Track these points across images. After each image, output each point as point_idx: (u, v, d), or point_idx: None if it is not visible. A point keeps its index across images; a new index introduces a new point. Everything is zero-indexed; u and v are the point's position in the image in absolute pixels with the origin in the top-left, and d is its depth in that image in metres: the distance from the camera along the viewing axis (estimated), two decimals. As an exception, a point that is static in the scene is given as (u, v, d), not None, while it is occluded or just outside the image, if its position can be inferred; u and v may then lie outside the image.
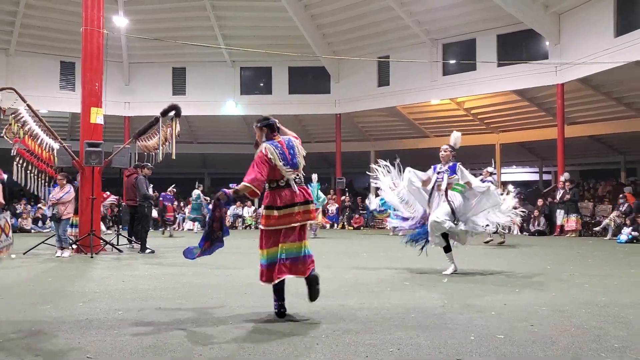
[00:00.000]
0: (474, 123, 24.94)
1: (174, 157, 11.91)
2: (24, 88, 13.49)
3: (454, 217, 7.92)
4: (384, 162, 8.99)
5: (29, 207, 22.86)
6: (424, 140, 26.41)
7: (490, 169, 13.75)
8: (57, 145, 12.07)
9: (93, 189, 12.01)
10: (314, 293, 5.02)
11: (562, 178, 18.68)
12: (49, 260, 10.45)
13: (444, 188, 8.05)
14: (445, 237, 8.04)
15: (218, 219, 5.08)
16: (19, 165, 12.01)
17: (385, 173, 8.96)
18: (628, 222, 15.91)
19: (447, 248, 8.11)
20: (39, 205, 22.21)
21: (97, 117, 12.46)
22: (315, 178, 17.53)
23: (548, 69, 19.75)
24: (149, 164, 12.67)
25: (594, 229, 17.96)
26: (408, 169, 8.51)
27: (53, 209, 11.35)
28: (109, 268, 9.35)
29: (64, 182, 11.43)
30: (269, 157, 4.95)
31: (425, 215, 8.28)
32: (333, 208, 24.66)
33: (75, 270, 9.00)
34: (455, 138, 8.44)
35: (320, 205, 17.38)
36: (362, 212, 25.09)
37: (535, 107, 22.58)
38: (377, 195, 18.63)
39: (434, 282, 7.38)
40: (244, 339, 4.30)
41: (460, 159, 8.45)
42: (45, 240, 12.42)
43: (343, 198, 25.30)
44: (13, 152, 11.97)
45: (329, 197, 25.16)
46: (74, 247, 11.69)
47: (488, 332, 4.48)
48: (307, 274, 4.97)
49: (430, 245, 8.28)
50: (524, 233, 19.28)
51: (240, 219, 25.22)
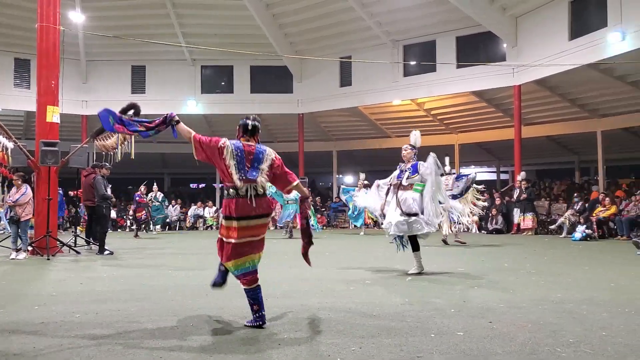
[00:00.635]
0: (434, 123, 25.26)
1: (133, 156, 11.74)
2: (-24, 85, 13.14)
3: (407, 216, 7.94)
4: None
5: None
6: (386, 141, 26.64)
7: (447, 169, 13.84)
8: (11, 145, 11.74)
9: (49, 190, 11.75)
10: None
11: (518, 177, 19.06)
12: (3, 263, 10.16)
13: (405, 185, 8.13)
14: (412, 237, 8.10)
15: (154, 128, 5.14)
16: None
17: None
18: (582, 220, 16.32)
19: (415, 247, 8.15)
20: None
21: (53, 115, 12.19)
22: None
23: (506, 71, 20.13)
24: (107, 164, 12.46)
25: (550, 227, 18.34)
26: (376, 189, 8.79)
27: (11, 211, 11.08)
28: (66, 270, 9.17)
29: (20, 182, 11.16)
30: (220, 146, 4.71)
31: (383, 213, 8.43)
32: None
33: (31, 273, 8.79)
34: (415, 137, 8.54)
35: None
36: (324, 211, 25.18)
37: (493, 108, 23.00)
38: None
39: (395, 281, 7.44)
40: (205, 341, 4.27)
41: (422, 159, 8.54)
42: (0, 242, 12.11)
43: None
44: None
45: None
46: (29, 248, 11.41)
47: (448, 329, 4.55)
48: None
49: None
50: (482, 231, 19.60)
51: (202, 220, 25.05)
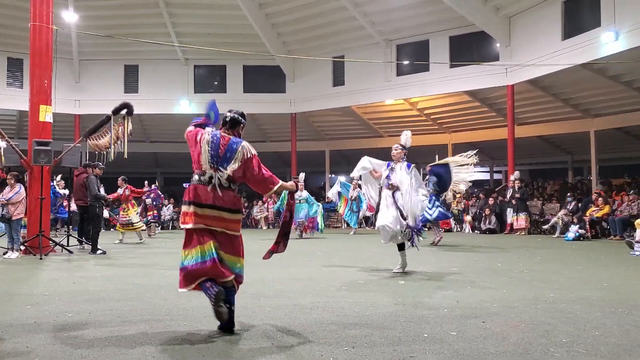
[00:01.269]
0: (427, 123, 25.31)
1: (126, 156, 11.70)
2: (-31, 84, 13.09)
3: (402, 217, 7.99)
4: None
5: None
6: (379, 140, 26.64)
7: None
8: (4, 144, 11.69)
9: (42, 189, 11.71)
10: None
11: (512, 177, 19.10)
12: (-4, 262, 10.13)
13: (393, 187, 8.15)
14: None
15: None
16: (-37, 164, 11.62)
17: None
18: (575, 220, 16.37)
19: (400, 246, 8.19)
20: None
21: (46, 115, 12.15)
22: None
23: (499, 71, 20.18)
24: (100, 164, 12.42)
25: (543, 227, 18.39)
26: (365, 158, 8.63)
27: (2, 210, 11.02)
28: (59, 269, 9.12)
29: (13, 181, 11.12)
30: (200, 133, 4.64)
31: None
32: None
33: (24, 272, 8.75)
34: (406, 137, 8.55)
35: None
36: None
37: (486, 107, 23.05)
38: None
39: (388, 281, 7.44)
40: (197, 340, 4.26)
41: (414, 159, 8.57)
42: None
43: (298, 198, 25.25)
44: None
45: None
46: (22, 248, 11.36)
47: (441, 329, 4.55)
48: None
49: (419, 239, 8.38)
50: (475, 231, 19.64)
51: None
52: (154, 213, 18.94)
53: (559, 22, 18.37)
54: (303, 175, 17.01)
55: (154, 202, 18.99)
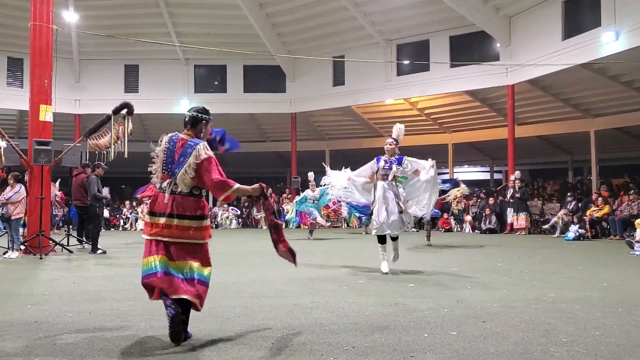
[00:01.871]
0: (427, 123, 25.29)
1: (126, 155, 11.71)
2: (-31, 84, 13.09)
3: (400, 207, 8.04)
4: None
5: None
6: (379, 140, 26.46)
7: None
8: (4, 144, 11.70)
9: (42, 189, 11.71)
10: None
11: (512, 177, 19.08)
12: (-4, 262, 10.14)
13: (391, 178, 8.15)
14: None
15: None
16: (-36, 164, 11.62)
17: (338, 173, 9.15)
18: (575, 220, 16.37)
19: (381, 240, 8.17)
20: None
21: (46, 114, 12.16)
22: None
23: (499, 70, 20.18)
24: (102, 164, 12.41)
25: (543, 227, 18.37)
26: (347, 173, 8.78)
27: (2, 209, 11.03)
28: (59, 269, 9.13)
29: (13, 181, 11.12)
30: (157, 151, 4.46)
31: (368, 204, 8.59)
32: (288, 207, 24.55)
33: (24, 272, 8.75)
34: (398, 130, 8.54)
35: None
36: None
37: (487, 107, 23.04)
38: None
39: (388, 281, 7.43)
40: (197, 341, 4.26)
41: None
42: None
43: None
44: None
45: (285, 195, 25.14)
46: (22, 247, 11.36)
47: (441, 329, 4.55)
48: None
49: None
50: (476, 231, 19.63)
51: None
52: None
53: (559, 22, 18.35)
54: (312, 175, 16.92)
55: None
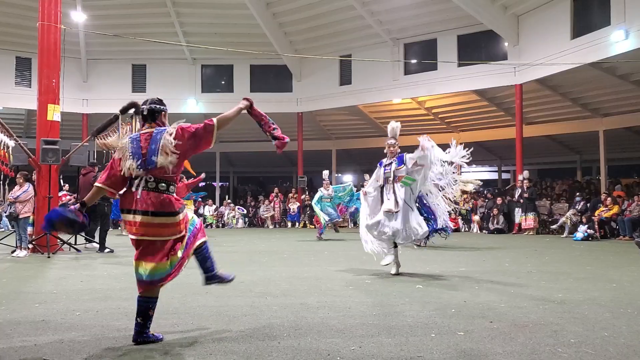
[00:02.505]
0: (435, 122, 25.24)
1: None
2: (-22, 84, 13.15)
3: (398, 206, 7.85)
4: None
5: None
6: (385, 140, 26.49)
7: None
8: (12, 143, 11.77)
9: (50, 188, 11.75)
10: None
11: (520, 177, 19.01)
12: (4, 260, 10.18)
13: (392, 179, 8.11)
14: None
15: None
16: (-28, 163, 11.67)
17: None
18: (584, 220, 16.29)
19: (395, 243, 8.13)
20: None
21: (54, 114, 12.21)
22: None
23: (507, 70, 20.11)
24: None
25: (551, 227, 18.30)
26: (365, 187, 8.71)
27: (10, 208, 11.08)
28: (67, 268, 9.16)
29: (22, 180, 11.18)
30: (116, 157, 4.29)
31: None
32: (294, 207, 24.63)
33: (32, 271, 8.78)
34: (395, 130, 8.57)
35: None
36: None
37: (495, 107, 22.98)
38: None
39: (395, 280, 7.42)
40: (205, 339, 4.26)
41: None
42: (1, 240, 12.12)
43: (304, 197, 25.24)
44: (-34, 149, 11.62)
45: (291, 195, 25.17)
46: (30, 246, 11.41)
47: (448, 329, 4.53)
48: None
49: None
50: (483, 231, 19.57)
51: (202, 218, 25.04)
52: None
53: (568, 20, 18.26)
54: (327, 173, 16.92)
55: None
